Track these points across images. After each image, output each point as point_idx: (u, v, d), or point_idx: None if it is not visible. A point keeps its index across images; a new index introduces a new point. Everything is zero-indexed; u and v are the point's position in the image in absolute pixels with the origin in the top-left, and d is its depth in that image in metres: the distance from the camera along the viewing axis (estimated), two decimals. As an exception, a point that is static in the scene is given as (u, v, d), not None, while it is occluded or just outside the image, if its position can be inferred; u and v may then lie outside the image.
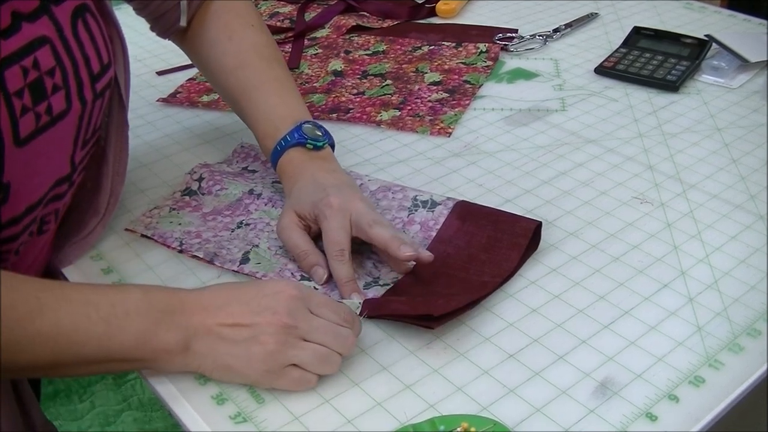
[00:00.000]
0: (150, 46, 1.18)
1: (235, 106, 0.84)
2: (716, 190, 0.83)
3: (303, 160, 0.76)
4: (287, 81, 0.83)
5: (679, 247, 0.75)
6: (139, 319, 0.57)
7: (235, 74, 0.82)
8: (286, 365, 0.59)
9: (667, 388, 0.60)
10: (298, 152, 0.77)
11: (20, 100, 0.57)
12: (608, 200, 0.82)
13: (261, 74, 0.82)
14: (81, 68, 0.64)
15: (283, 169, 0.77)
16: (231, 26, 0.83)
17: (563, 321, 0.67)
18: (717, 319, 0.67)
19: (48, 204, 0.66)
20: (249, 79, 0.81)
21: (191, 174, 0.84)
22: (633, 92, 1.03)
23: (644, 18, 1.24)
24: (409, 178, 0.86)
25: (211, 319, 0.59)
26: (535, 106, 1.00)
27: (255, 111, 0.80)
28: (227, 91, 0.83)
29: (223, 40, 0.82)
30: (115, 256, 0.75)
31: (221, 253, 0.73)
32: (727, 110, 0.99)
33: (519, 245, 0.72)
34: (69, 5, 0.63)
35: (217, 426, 0.58)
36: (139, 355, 0.58)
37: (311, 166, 0.76)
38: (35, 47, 0.59)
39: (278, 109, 0.80)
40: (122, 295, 0.59)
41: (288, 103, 0.81)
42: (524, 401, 0.59)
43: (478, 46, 1.14)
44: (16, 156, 0.58)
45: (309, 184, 0.74)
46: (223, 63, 0.82)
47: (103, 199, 0.74)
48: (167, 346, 0.58)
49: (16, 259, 0.66)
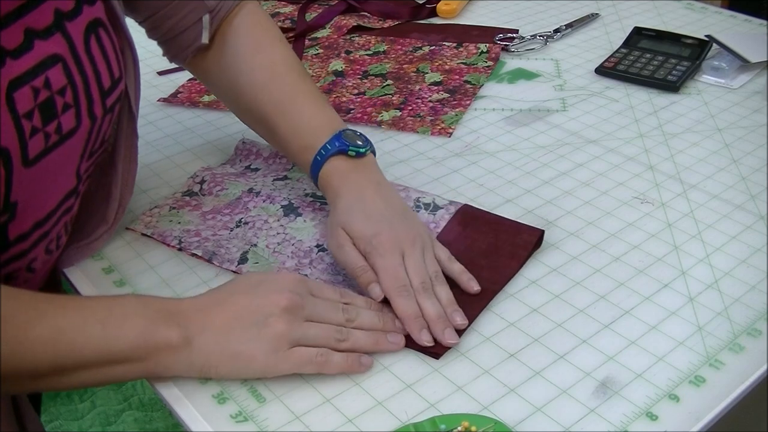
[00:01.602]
0: (151, 47, 1.17)
1: (263, 123, 0.79)
2: (717, 190, 0.83)
3: (346, 170, 0.73)
4: (319, 93, 0.80)
5: (680, 247, 0.75)
6: (137, 319, 0.58)
7: (266, 89, 0.78)
8: (294, 345, 0.60)
9: (668, 387, 0.60)
10: (341, 161, 0.73)
11: (30, 121, 0.56)
12: (609, 200, 0.82)
13: (294, 87, 0.79)
14: (92, 85, 0.62)
15: (326, 180, 0.74)
16: (259, 41, 0.81)
17: (564, 321, 0.67)
18: (717, 318, 0.67)
19: (60, 219, 0.65)
20: (283, 92, 0.78)
21: (193, 177, 0.84)
22: (634, 92, 1.03)
23: (645, 18, 1.24)
24: (409, 178, 0.86)
25: (213, 315, 0.60)
26: (536, 107, 1.00)
27: (290, 124, 0.77)
28: (256, 107, 0.79)
29: (251, 55, 0.80)
30: (116, 256, 0.75)
31: (220, 252, 0.73)
32: (728, 110, 0.99)
33: (519, 256, 0.72)
34: (83, 20, 0.61)
35: (218, 425, 0.58)
36: (141, 353, 0.58)
37: (356, 177, 0.73)
38: (47, 66, 0.58)
39: (315, 120, 0.77)
40: (118, 300, 0.60)
41: (324, 113, 0.78)
42: (525, 401, 0.59)
43: (479, 47, 1.15)
44: (24, 176, 0.57)
45: (355, 204, 0.71)
46: (252, 78, 0.79)
47: (112, 208, 0.73)
48: (169, 341, 0.58)
49: (29, 275, 0.65)
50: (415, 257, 0.68)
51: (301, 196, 0.81)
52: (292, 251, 0.73)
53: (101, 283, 0.71)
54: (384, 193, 0.73)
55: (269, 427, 0.58)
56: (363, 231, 0.69)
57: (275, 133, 0.78)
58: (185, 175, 0.86)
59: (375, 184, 0.73)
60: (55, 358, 0.55)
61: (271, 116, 0.78)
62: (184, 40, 0.80)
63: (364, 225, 0.69)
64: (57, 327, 0.55)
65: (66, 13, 0.60)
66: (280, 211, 0.78)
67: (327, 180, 0.74)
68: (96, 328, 0.56)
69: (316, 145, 0.74)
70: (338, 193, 0.72)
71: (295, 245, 0.74)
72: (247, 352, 0.59)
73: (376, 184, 0.73)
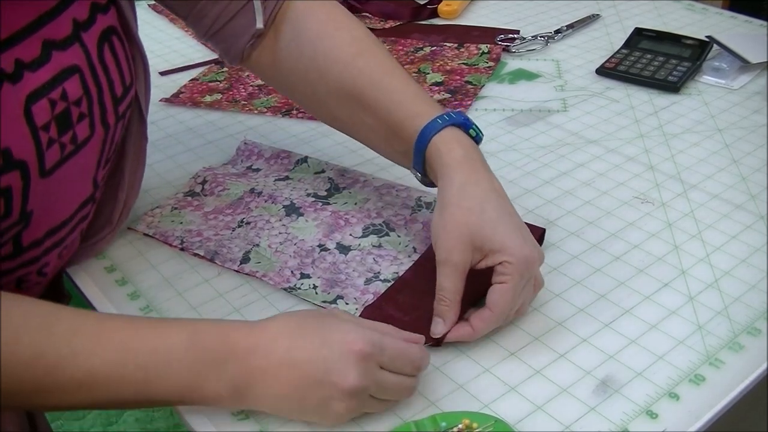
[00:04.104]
0: (153, 47, 1.18)
1: (355, 99, 0.72)
2: (717, 190, 0.84)
3: (464, 158, 0.65)
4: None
5: (680, 246, 0.75)
6: (182, 370, 0.53)
7: (355, 64, 0.72)
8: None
9: (668, 386, 0.60)
10: (462, 136, 0.67)
11: (47, 133, 0.56)
12: (609, 200, 0.82)
13: (386, 60, 0.73)
14: (105, 94, 0.62)
15: (437, 149, 0.66)
16: (335, 18, 0.75)
17: (564, 319, 0.67)
18: (717, 317, 0.67)
19: (76, 226, 0.65)
20: (376, 65, 0.72)
21: (195, 178, 0.84)
22: (634, 93, 1.04)
23: (646, 19, 1.25)
24: (410, 177, 0.85)
25: (272, 366, 0.54)
26: (537, 107, 1.01)
27: (392, 95, 0.70)
28: (345, 84, 0.72)
29: (332, 33, 0.74)
30: (118, 255, 0.75)
31: (222, 252, 0.73)
32: (728, 111, 0.99)
33: None
34: (97, 29, 0.61)
35: (220, 424, 0.58)
36: (185, 401, 0.55)
37: (474, 177, 0.65)
38: (64, 77, 0.57)
39: (420, 92, 0.71)
40: (164, 339, 0.53)
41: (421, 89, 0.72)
42: (525, 399, 0.60)
43: (480, 47, 1.15)
44: (41, 186, 0.57)
45: (487, 205, 0.63)
46: (337, 55, 0.72)
47: (117, 210, 0.72)
48: (215, 395, 0.54)
49: (40, 279, 0.65)
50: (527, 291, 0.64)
51: (303, 196, 0.81)
52: (294, 251, 0.74)
53: (104, 283, 0.72)
54: (506, 204, 0.65)
55: (270, 425, 0.58)
56: (518, 250, 0.61)
57: (370, 106, 0.71)
58: (187, 174, 0.86)
59: (496, 195, 0.65)
60: (91, 398, 0.52)
61: (366, 90, 0.71)
62: (234, 28, 0.74)
63: (516, 241, 0.62)
64: (92, 370, 0.51)
65: (82, 23, 0.59)
66: (282, 210, 0.79)
67: (439, 149, 0.66)
68: (136, 374, 0.52)
69: (430, 112, 0.68)
70: (450, 180, 0.64)
71: (298, 245, 0.74)
72: (300, 419, 0.57)
73: (499, 198, 0.65)
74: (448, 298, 0.62)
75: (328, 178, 0.84)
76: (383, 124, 0.71)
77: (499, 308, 0.62)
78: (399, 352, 0.57)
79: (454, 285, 0.62)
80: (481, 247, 0.62)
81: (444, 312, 0.63)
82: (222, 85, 1.07)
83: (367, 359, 0.54)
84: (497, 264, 0.62)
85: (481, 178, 0.65)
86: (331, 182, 0.83)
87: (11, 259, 0.59)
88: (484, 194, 0.64)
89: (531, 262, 0.62)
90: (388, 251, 0.74)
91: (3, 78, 0.53)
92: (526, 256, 0.61)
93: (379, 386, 0.56)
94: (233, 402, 0.55)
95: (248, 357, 0.54)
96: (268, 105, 1.02)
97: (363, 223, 0.77)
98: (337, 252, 0.74)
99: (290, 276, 0.71)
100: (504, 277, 0.61)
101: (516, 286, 0.61)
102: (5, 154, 0.53)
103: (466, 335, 0.63)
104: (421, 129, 0.67)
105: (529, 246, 0.62)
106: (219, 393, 0.54)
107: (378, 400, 0.57)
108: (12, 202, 0.54)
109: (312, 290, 0.69)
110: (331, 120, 0.78)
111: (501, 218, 0.63)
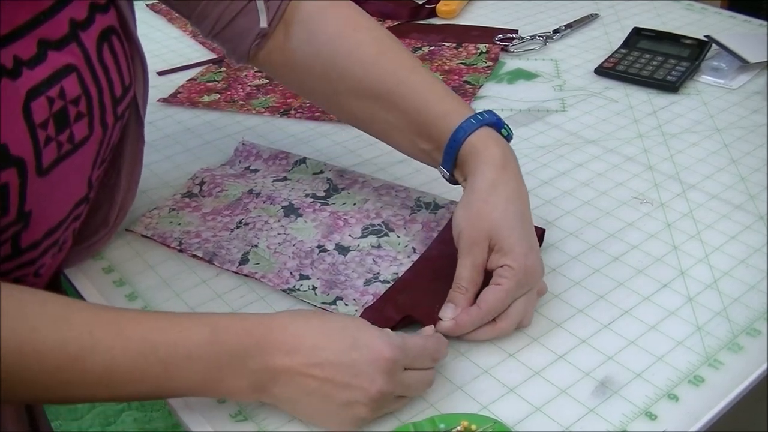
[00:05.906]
0: (150, 47, 1.18)
1: (380, 99, 0.72)
2: (716, 190, 0.83)
3: (501, 158, 0.66)
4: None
5: (679, 247, 0.75)
6: (202, 364, 0.52)
7: (379, 64, 0.72)
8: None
9: (667, 387, 0.60)
10: (494, 141, 0.66)
11: (44, 131, 0.56)
12: (608, 200, 0.82)
13: (409, 59, 0.73)
14: (105, 94, 0.62)
15: (474, 148, 0.66)
16: (353, 18, 0.74)
17: (563, 320, 0.67)
18: (716, 318, 0.67)
19: (69, 226, 0.65)
20: (400, 65, 0.72)
21: (193, 179, 0.84)
22: (633, 93, 1.04)
23: (644, 19, 1.25)
24: (409, 177, 0.86)
25: (298, 364, 0.54)
26: (535, 107, 1.00)
27: (421, 94, 0.70)
28: (368, 85, 0.72)
29: (351, 33, 0.73)
30: (116, 256, 0.75)
31: (220, 253, 0.73)
32: (727, 111, 0.99)
33: None
34: (96, 29, 0.61)
35: (218, 425, 0.58)
36: (203, 395, 0.56)
37: (505, 177, 0.65)
38: (62, 76, 0.57)
39: (449, 91, 0.71)
40: (187, 333, 0.53)
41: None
42: (524, 400, 0.60)
43: (479, 47, 1.15)
44: (38, 185, 0.57)
45: (511, 207, 0.64)
46: (358, 55, 0.72)
47: (113, 211, 0.72)
48: (235, 391, 0.54)
49: (36, 280, 0.65)
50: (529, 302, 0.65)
51: (301, 196, 0.81)
52: (293, 252, 0.74)
53: (102, 284, 0.72)
54: (527, 210, 0.66)
55: (269, 426, 0.58)
56: (522, 257, 0.62)
57: (397, 105, 0.71)
58: (184, 175, 0.86)
59: (520, 201, 0.66)
60: (109, 391, 0.52)
61: (392, 88, 0.71)
62: (237, 28, 0.73)
63: (523, 249, 0.63)
64: (112, 362, 0.51)
65: (80, 23, 0.59)
66: (281, 211, 0.78)
67: (483, 145, 0.66)
68: (155, 367, 0.52)
69: (459, 110, 0.68)
70: (485, 179, 0.65)
71: (296, 246, 0.74)
72: (320, 421, 0.57)
73: (526, 195, 0.67)
74: (464, 287, 0.63)
75: (327, 178, 0.84)
76: (410, 123, 0.71)
77: (488, 306, 0.62)
78: (420, 350, 0.58)
79: (471, 277, 0.64)
80: (493, 244, 0.63)
81: (458, 299, 0.63)
82: (220, 85, 1.07)
83: (395, 365, 0.55)
84: (499, 266, 0.63)
85: (511, 178, 0.66)
86: (330, 183, 0.83)
87: (9, 261, 0.59)
88: (512, 194, 0.65)
89: (531, 273, 0.63)
90: (388, 252, 0.74)
91: (3, 73, 0.53)
92: (528, 266, 0.62)
93: (403, 386, 0.57)
94: (252, 397, 0.56)
95: (272, 354, 0.54)
96: (266, 105, 1.01)
97: (362, 223, 0.77)
98: (336, 253, 0.73)
99: (289, 277, 0.71)
100: (501, 279, 0.62)
101: (510, 291, 0.62)
102: (2, 150, 0.53)
103: (449, 328, 0.63)
104: (455, 128, 0.67)
105: (533, 257, 0.63)
106: (240, 387, 0.54)
107: (397, 398, 0.57)
108: (9, 200, 0.54)
109: (311, 291, 0.69)
110: (350, 118, 0.78)
111: (518, 223, 0.64)
